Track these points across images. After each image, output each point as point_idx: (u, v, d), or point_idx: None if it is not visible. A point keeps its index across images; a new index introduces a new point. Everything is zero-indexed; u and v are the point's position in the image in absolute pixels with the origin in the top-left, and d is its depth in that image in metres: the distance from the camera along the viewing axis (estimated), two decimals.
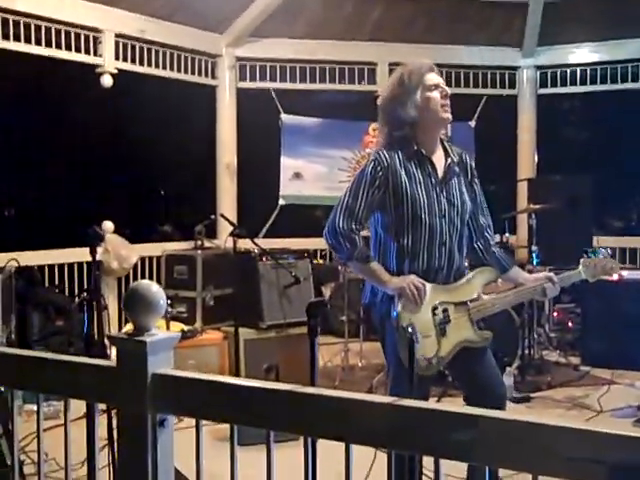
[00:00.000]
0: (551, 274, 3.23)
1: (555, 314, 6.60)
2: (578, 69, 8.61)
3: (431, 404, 1.60)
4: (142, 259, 7.52)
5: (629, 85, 8.48)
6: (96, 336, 3.56)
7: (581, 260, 3.32)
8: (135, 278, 7.44)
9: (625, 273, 6.11)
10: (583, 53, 8.58)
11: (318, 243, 8.56)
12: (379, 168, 2.99)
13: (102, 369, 1.91)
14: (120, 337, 1.85)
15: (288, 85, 8.47)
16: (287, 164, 8.58)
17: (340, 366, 5.76)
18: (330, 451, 1.82)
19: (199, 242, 7.77)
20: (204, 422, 1.83)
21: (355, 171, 8.70)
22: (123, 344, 1.84)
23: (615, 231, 9.10)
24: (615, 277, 6.08)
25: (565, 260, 6.67)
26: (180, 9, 7.38)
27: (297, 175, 8.63)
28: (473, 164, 3.21)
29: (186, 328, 6.39)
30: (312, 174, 8.68)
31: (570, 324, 6.70)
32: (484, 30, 8.48)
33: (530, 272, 3.90)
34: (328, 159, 8.71)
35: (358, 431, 1.58)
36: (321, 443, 1.75)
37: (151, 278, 7.60)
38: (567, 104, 9.83)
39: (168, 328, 5.93)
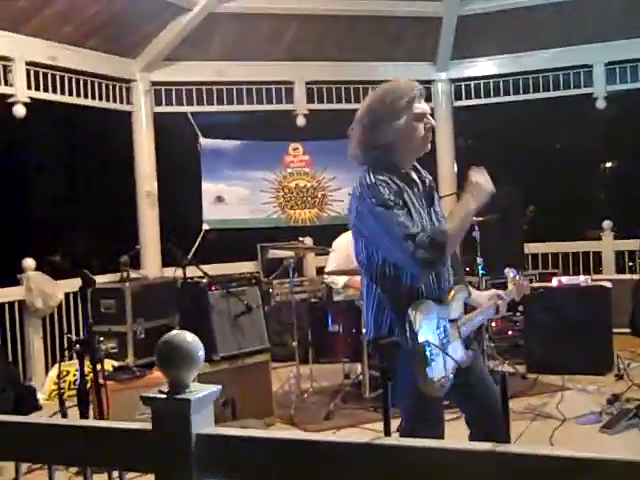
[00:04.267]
0: (500, 291, 3.23)
1: (493, 324, 6.63)
2: (491, 81, 8.78)
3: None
4: (66, 295, 7.16)
5: (540, 95, 8.69)
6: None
7: (509, 278, 3.37)
8: (60, 316, 7.09)
9: (564, 279, 6.21)
10: (494, 65, 8.75)
11: (244, 267, 8.42)
12: (389, 187, 2.79)
13: (135, 434, 1.72)
14: (158, 397, 1.68)
15: (205, 108, 8.30)
16: (208, 188, 8.38)
17: (292, 392, 5.61)
18: None
19: (125, 273, 7.48)
20: None
21: (278, 192, 8.63)
22: (162, 405, 1.67)
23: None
24: (555, 283, 6.22)
25: (500, 268, 6.79)
26: (92, 35, 7.13)
27: (219, 199, 8.44)
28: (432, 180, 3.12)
29: (116, 364, 6.13)
30: (234, 197, 8.50)
31: (510, 332, 6.75)
32: (398, 46, 8.53)
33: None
34: (249, 181, 8.56)
35: None
36: None
37: (77, 314, 7.27)
38: (480, 115, 9.96)
39: (102, 366, 5.67)
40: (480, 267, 5.76)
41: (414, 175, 2.97)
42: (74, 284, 7.22)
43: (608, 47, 8.26)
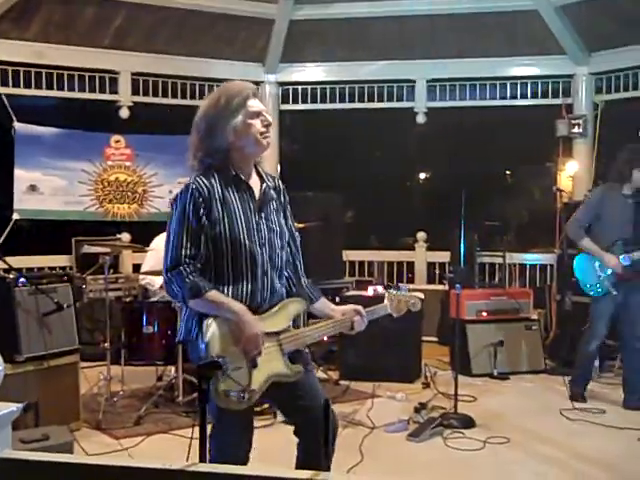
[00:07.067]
0: (359, 307, 3.14)
1: None
2: (319, 87, 8.89)
3: None
4: None
5: (364, 105, 8.92)
6: None
7: (385, 295, 3.31)
8: None
9: (380, 288, 6.35)
10: (322, 72, 8.87)
11: (57, 260, 8.05)
12: (198, 195, 2.77)
13: None
14: None
15: (21, 91, 7.86)
16: (21, 176, 7.92)
17: (101, 395, 5.38)
18: None
19: None
20: None
21: (97, 185, 8.30)
22: None
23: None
24: (371, 292, 6.36)
25: (319, 275, 6.87)
26: None
27: (33, 188, 8.00)
28: (284, 189, 3.09)
29: None
30: (49, 187, 8.09)
31: (325, 338, 6.82)
32: (229, 44, 8.46)
33: None
34: (67, 171, 8.17)
35: None
36: None
37: None
38: (306, 120, 10.06)
39: None
40: None
41: (252, 179, 2.94)
42: None
43: (430, 65, 8.59)
